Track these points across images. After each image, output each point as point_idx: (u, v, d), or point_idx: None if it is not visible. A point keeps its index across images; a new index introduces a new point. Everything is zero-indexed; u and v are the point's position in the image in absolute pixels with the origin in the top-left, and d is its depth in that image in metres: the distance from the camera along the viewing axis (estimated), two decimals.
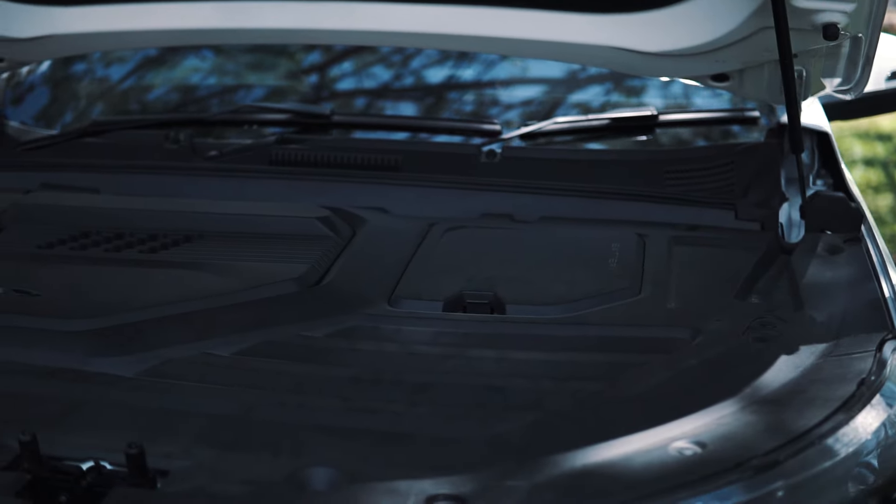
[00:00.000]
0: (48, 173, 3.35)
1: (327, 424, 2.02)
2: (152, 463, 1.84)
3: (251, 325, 2.41)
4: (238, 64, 4.21)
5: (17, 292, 2.55)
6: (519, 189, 3.09)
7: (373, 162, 3.26)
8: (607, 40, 3.04)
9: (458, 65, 3.91)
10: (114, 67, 4.23)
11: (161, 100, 4.16)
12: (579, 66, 3.69)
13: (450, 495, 1.77)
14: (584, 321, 2.43)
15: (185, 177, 3.27)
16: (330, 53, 4.06)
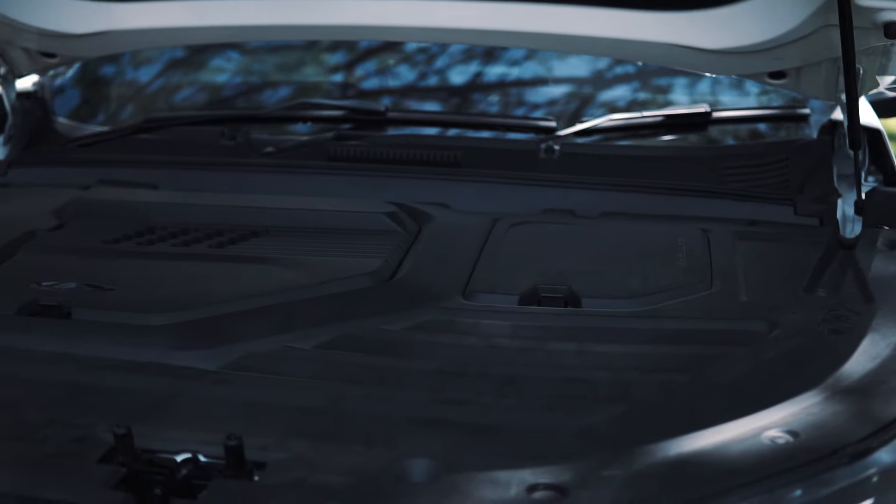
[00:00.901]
0: (104, 169, 3.37)
1: (418, 416, 2.03)
2: (248, 455, 1.85)
3: (329, 319, 2.42)
4: (264, 64, 4.22)
5: (90, 287, 2.57)
6: (579, 185, 3.11)
7: (433, 158, 3.28)
8: (669, 37, 3.06)
9: (496, 64, 3.92)
10: (143, 69, 4.25)
11: (190, 99, 4.17)
12: (633, 63, 3.70)
13: (550, 485, 1.78)
14: (660, 314, 2.44)
15: (244, 173, 3.29)
16: (355, 52, 4.08)
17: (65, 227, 2.97)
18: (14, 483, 1.84)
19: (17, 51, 3.55)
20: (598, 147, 3.36)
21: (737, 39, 3.03)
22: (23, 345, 2.35)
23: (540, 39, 3.24)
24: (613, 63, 3.81)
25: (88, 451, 1.90)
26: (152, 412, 2.04)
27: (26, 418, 2.02)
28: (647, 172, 3.18)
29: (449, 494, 1.78)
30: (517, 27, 3.21)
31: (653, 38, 3.07)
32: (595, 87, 3.86)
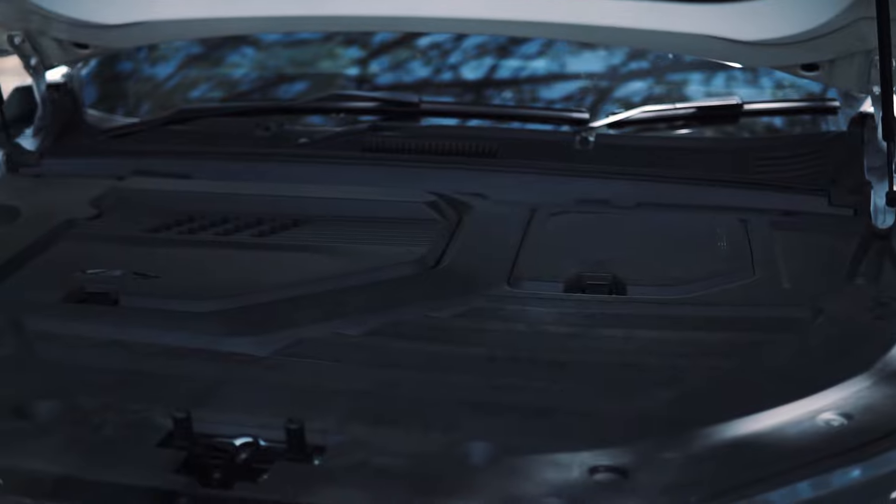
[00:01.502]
0: (137, 160, 3.39)
1: (473, 400, 2.05)
2: (308, 439, 1.87)
3: (377, 307, 2.44)
4: (279, 59, 4.23)
5: (136, 274, 2.58)
6: (614, 175, 3.13)
7: (469, 149, 3.29)
8: (705, 29, 3.07)
9: (522, 57, 3.93)
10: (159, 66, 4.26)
11: (208, 95, 4.17)
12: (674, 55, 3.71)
13: (611, 466, 1.80)
14: (705, 301, 2.46)
15: (280, 163, 3.30)
16: (369, 47, 4.09)
17: (103, 216, 2.99)
18: (73, 466, 1.85)
19: (49, 41, 3.55)
20: (631, 138, 3.37)
21: (772, 31, 3.03)
22: (71, 331, 2.37)
23: (574, 30, 3.24)
24: (630, 57, 3.82)
25: (146, 436, 1.91)
26: (207, 397, 2.06)
27: (80, 404, 2.03)
28: (680, 163, 3.19)
29: (511, 476, 1.79)
30: (550, 18, 3.21)
31: (691, 30, 3.08)
32: (621, 79, 3.87)
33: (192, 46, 4.17)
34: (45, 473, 1.84)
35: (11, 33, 3.48)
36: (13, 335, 2.34)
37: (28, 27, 3.47)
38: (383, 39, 4.04)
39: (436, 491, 1.76)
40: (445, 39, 3.95)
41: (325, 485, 1.78)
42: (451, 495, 1.75)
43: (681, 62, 3.74)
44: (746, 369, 2.16)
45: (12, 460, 1.87)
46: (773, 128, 3.60)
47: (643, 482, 1.78)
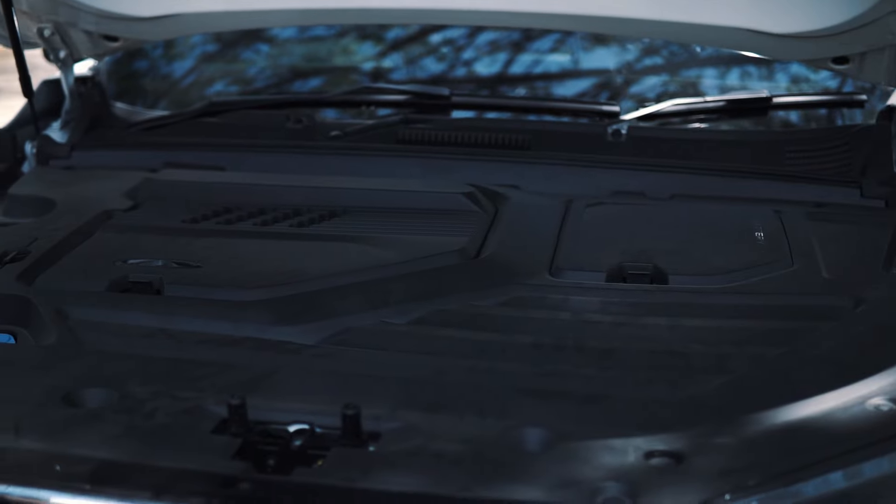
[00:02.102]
0: (168, 152, 3.40)
1: (523, 387, 2.05)
2: (362, 425, 1.88)
3: (421, 296, 2.45)
4: (293, 56, 4.24)
5: (178, 265, 2.59)
6: (648, 167, 3.14)
7: (502, 141, 3.30)
8: (740, 22, 3.09)
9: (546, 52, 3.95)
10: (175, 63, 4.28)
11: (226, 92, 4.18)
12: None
13: (666, 451, 1.81)
14: (746, 290, 2.47)
15: (314, 155, 3.31)
16: (383, 43, 4.11)
17: (140, 207, 3.00)
18: (130, 452, 1.86)
19: (79, 33, 3.57)
20: (663, 131, 3.39)
21: (804, 24, 3.06)
22: (116, 320, 2.37)
23: (607, 23, 3.26)
24: (656, 50, 3.84)
25: (200, 423, 1.92)
26: (257, 385, 2.06)
27: (131, 392, 2.04)
28: (712, 155, 3.22)
29: (567, 461, 1.80)
30: (580, 10, 3.23)
31: (727, 24, 3.10)
32: (644, 73, 3.89)
33: (208, 43, 4.18)
34: (102, 460, 1.84)
35: (41, 26, 3.50)
36: (59, 324, 2.34)
37: (58, 19, 3.48)
38: (397, 36, 4.05)
39: (495, 476, 1.76)
40: (459, 35, 3.96)
41: (384, 470, 1.78)
42: (510, 480, 1.75)
43: (709, 57, 3.76)
44: (792, 356, 2.17)
45: (67, 447, 1.87)
46: (801, 121, 3.61)
47: (699, 466, 1.78)
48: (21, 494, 1.79)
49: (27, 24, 3.49)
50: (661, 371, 2.13)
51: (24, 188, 3.22)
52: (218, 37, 4.15)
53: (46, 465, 1.83)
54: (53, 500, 1.77)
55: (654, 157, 3.20)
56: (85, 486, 1.77)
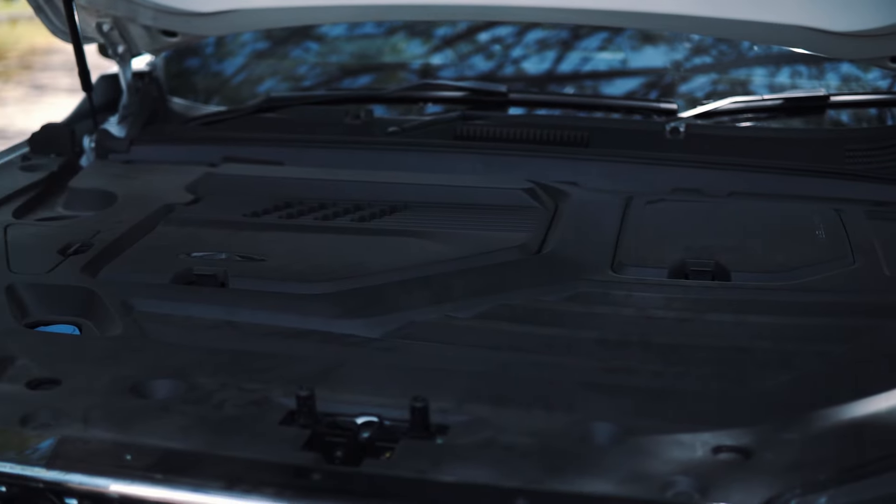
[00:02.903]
0: (225, 147, 3.42)
1: (590, 381, 2.06)
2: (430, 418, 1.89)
3: (484, 291, 2.45)
4: (342, 54, 4.25)
5: (242, 258, 2.61)
6: (706, 165, 3.14)
7: (561, 137, 3.31)
8: (798, 20, 3.08)
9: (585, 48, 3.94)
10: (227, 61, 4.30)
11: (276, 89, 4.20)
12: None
13: (734, 446, 1.80)
14: (809, 288, 2.46)
15: (373, 151, 3.32)
16: (431, 40, 4.11)
17: (201, 201, 3.02)
18: (199, 443, 1.87)
19: (138, 28, 3.60)
20: (721, 128, 3.39)
21: (863, 23, 3.05)
22: (181, 312, 2.39)
23: (662, 20, 3.26)
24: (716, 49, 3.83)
25: (268, 414, 1.93)
26: (324, 377, 2.07)
27: (199, 383, 2.05)
28: (770, 153, 3.21)
29: (636, 455, 1.80)
30: (640, 7, 3.23)
31: (787, 21, 3.09)
32: (702, 71, 3.88)
33: (259, 41, 4.20)
34: (173, 449, 1.86)
35: (100, 20, 3.53)
36: (125, 316, 2.36)
37: (117, 14, 3.51)
38: (446, 33, 4.06)
39: (566, 469, 1.77)
40: (508, 33, 3.97)
41: (454, 462, 1.78)
42: (581, 473, 1.75)
43: (768, 55, 3.75)
44: (858, 353, 2.17)
45: (136, 437, 1.89)
46: (853, 120, 3.60)
47: (767, 461, 1.78)
48: (91, 483, 1.81)
49: (86, 19, 3.52)
50: (727, 367, 2.13)
51: (84, 182, 3.24)
52: (268, 34, 4.17)
53: (116, 454, 1.84)
54: (123, 489, 1.79)
55: (712, 154, 3.19)
56: (156, 476, 1.78)
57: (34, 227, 2.89)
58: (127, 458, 1.83)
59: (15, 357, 2.17)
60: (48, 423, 1.93)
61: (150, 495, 1.78)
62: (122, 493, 1.79)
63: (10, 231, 2.81)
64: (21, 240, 2.76)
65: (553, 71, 3.90)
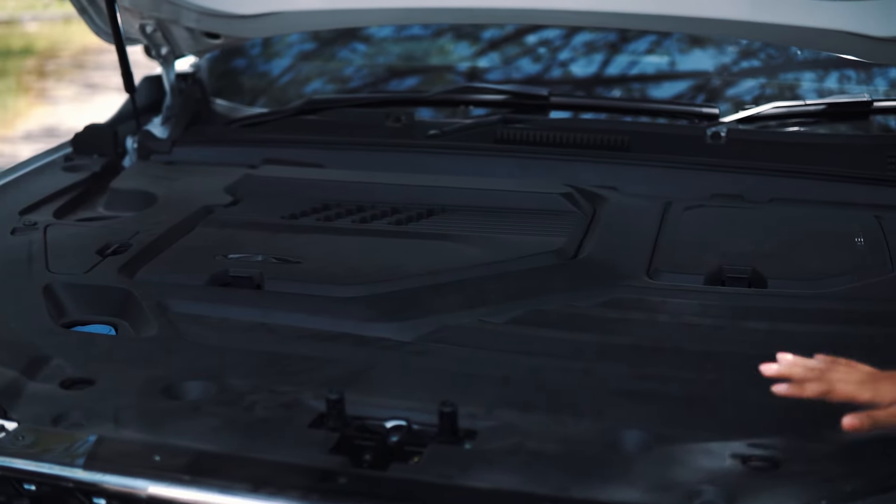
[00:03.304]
0: (266, 149, 3.43)
1: (621, 388, 2.05)
2: (459, 423, 1.88)
3: (519, 295, 2.45)
4: (389, 55, 4.26)
5: (278, 260, 2.62)
6: (748, 170, 3.12)
7: (601, 142, 3.29)
8: (840, 25, 3.05)
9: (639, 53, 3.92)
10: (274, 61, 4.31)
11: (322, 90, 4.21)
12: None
13: (763, 456, 1.80)
14: (847, 296, 2.44)
15: (413, 153, 3.32)
16: (479, 43, 4.10)
17: (240, 203, 3.03)
18: (230, 444, 1.88)
19: (181, 30, 3.61)
20: (762, 133, 3.35)
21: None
22: (216, 314, 2.40)
23: (707, 25, 3.24)
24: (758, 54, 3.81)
25: (297, 417, 1.94)
26: (355, 381, 2.08)
27: (231, 385, 2.06)
28: (812, 159, 3.17)
29: (665, 464, 1.80)
30: (679, 11, 3.21)
31: (823, 26, 3.06)
32: (744, 75, 3.86)
33: (306, 42, 4.21)
34: (200, 451, 1.87)
35: (143, 22, 3.55)
36: (160, 317, 2.37)
37: (160, 16, 3.52)
38: (493, 36, 4.05)
39: (593, 476, 1.76)
40: (556, 35, 3.96)
41: (482, 467, 1.78)
42: (607, 480, 1.75)
43: (811, 60, 3.72)
44: (893, 363, 2.14)
45: (166, 438, 1.91)
46: None
47: (796, 471, 1.77)
48: (120, 483, 1.83)
49: (129, 20, 3.54)
50: (760, 375, 2.11)
51: (125, 182, 3.26)
52: (315, 35, 4.18)
53: (146, 455, 1.86)
54: (152, 490, 1.80)
55: (753, 159, 3.16)
56: (184, 477, 1.80)
57: (74, 228, 2.91)
58: (156, 458, 1.85)
59: (50, 357, 2.20)
60: (80, 423, 1.96)
61: (178, 496, 1.80)
62: (149, 493, 1.80)
63: (50, 231, 2.83)
64: (60, 240, 2.78)
65: (598, 74, 3.89)
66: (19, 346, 2.24)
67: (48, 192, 3.16)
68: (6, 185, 3.23)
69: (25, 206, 3.03)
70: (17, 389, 2.07)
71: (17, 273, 2.59)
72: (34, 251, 2.70)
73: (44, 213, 3.02)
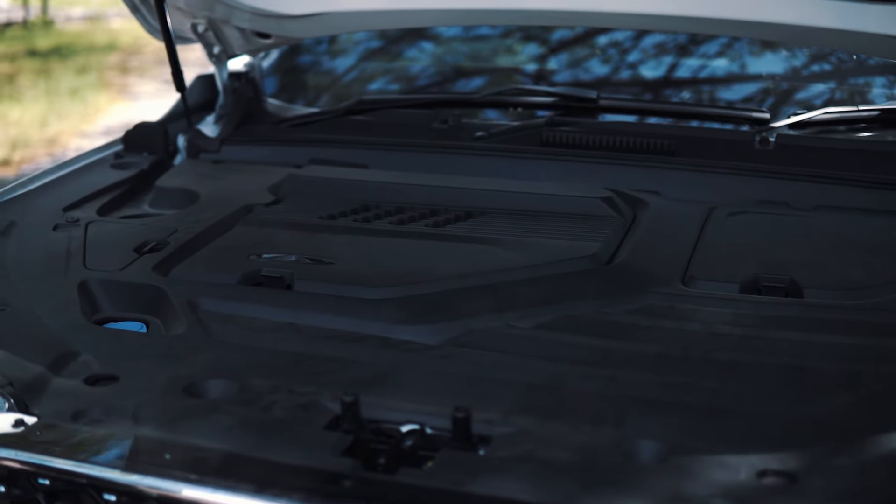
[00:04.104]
0: (315, 148, 3.44)
1: (643, 397, 2.01)
2: (474, 429, 1.86)
3: (549, 300, 2.42)
4: (456, 54, 4.24)
5: (310, 260, 2.61)
6: (795, 177, 3.06)
7: (646, 146, 3.26)
8: (890, 29, 2.99)
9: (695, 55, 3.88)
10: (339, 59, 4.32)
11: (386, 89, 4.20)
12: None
13: (780, 471, 1.75)
14: (884, 308, 2.37)
15: (457, 155, 3.31)
16: (548, 44, 4.07)
17: (281, 202, 3.04)
18: (240, 444, 1.88)
19: (232, 30, 3.63)
20: (812, 139, 3.29)
21: None
22: (245, 313, 2.40)
23: (759, 29, 3.19)
24: (812, 59, 3.75)
25: (314, 418, 1.93)
26: (375, 383, 2.06)
27: (251, 384, 2.06)
28: (862, 166, 3.11)
29: (678, 476, 1.76)
30: (735, 15, 3.17)
31: (876, 31, 3.00)
32: (796, 80, 3.79)
33: (372, 40, 4.21)
34: (211, 450, 1.87)
35: (195, 21, 3.57)
36: (190, 315, 2.38)
37: (212, 16, 3.54)
38: (562, 37, 4.03)
39: (602, 486, 1.74)
40: (625, 37, 3.92)
41: (490, 475, 1.76)
42: (617, 491, 1.72)
43: (863, 65, 3.65)
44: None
45: (181, 436, 1.91)
46: None
47: (813, 487, 1.73)
48: (129, 481, 1.84)
49: (181, 20, 3.56)
50: (788, 387, 2.07)
51: (170, 181, 3.28)
52: (383, 34, 4.18)
53: (157, 453, 1.87)
54: (159, 487, 1.81)
55: (802, 166, 3.10)
56: (191, 476, 1.80)
57: (114, 225, 2.93)
58: (166, 456, 1.85)
59: (79, 353, 2.21)
60: (100, 420, 1.96)
61: (184, 495, 1.80)
62: (156, 490, 1.81)
63: (91, 228, 2.85)
64: (100, 237, 2.80)
65: (654, 77, 3.86)
66: (49, 342, 2.26)
67: (94, 189, 3.18)
68: (54, 181, 3.26)
69: (70, 203, 3.06)
70: (42, 384, 2.08)
71: (54, 269, 2.61)
72: (73, 248, 2.72)
73: (87, 209, 3.05)
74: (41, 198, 3.13)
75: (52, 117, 11.27)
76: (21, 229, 2.88)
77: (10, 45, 15.98)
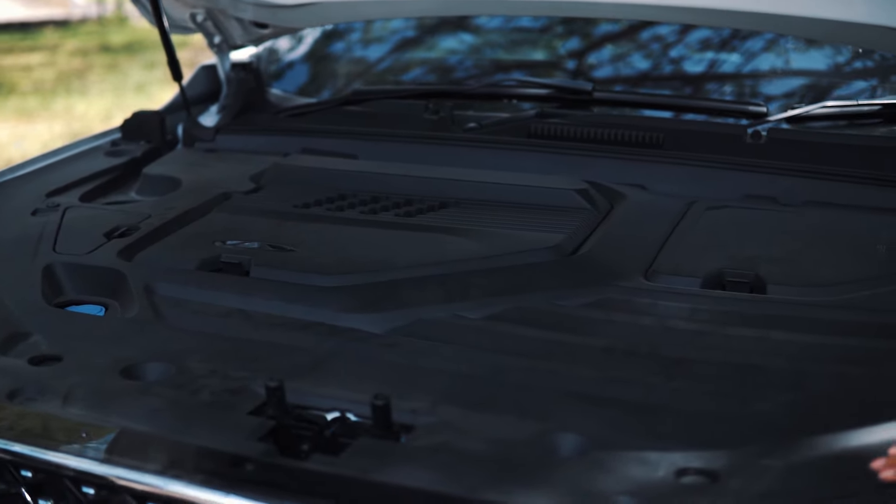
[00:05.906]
0: (307, 138, 3.44)
1: (578, 392, 1.97)
2: (398, 418, 1.84)
3: (504, 291, 2.39)
4: (493, 47, 4.20)
5: (272, 247, 2.60)
6: (784, 172, 3.00)
7: (634, 139, 3.21)
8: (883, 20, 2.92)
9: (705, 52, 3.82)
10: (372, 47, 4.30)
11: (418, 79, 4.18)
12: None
13: (701, 469, 1.71)
14: (850, 305, 2.31)
15: (443, 146, 3.30)
16: (589, 39, 4.02)
17: (260, 190, 3.03)
18: (164, 427, 1.88)
19: (232, 21, 3.63)
20: (806, 134, 3.20)
21: None
22: (200, 298, 2.40)
23: (778, 22, 3.12)
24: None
25: (240, 403, 1.92)
26: (310, 370, 2.05)
27: (188, 368, 2.05)
28: (856, 162, 3.02)
29: (592, 470, 1.72)
30: (753, 7, 3.10)
31: (864, 20, 2.94)
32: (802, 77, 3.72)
33: (408, 30, 4.19)
34: (133, 431, 1.88)
35: (193, 11, 3.57)
36: (144, 299, 2.38)
37: (209, 5, 3.54)
38: (606, 31, 3.98)
39: (511, 478, 1.70)
40: (669, 32, 3.86)
41: (401, 463, 1.74)
42: (526, 484, 1.69)
43: (866, 60, 3.57)
44: (876, 379, 2.02)
45: (109, 417, 1.91)
46: None
47: (733, 488, 1.68)
48: (44, 458, 1.86)
49: (179, 9, 3.56)
50: (731, 384, 2.02)
51: (156, 168, 3.30)
52: (420, 24, 4.16)
53: (75, 431, 1.88)
54: (72, 464, 1.83)
55: (793, 161, 3.03)
56: (103, 455, 1.81)
57: (91, 211, 2.93)
58: (83, 435, 1.85)
59: (31, 333, 2.23)
60: (33, 398, 1.96)
61: (94, 471, 1.81)
62: (70, 467, 1.83)
63: (68, 213, 2.86)
64: (75, 222, 2.81)
65: (669, 71, 3.80)
66: (2, 323, 2.27)
67: (81, 175, 3.19)
68: (46, 167, 3.28)
69: (54, 189, 3.07)
70: None
71: (24, 252, 2.63)
72: (46, 232, 2.73)
73: (71, 195, 3.06)
74: (29, 183, 3.15)
75: (117, 111, 11.34)
76: (1, 213, 2.89)
77: (84, 41, 16.13)
